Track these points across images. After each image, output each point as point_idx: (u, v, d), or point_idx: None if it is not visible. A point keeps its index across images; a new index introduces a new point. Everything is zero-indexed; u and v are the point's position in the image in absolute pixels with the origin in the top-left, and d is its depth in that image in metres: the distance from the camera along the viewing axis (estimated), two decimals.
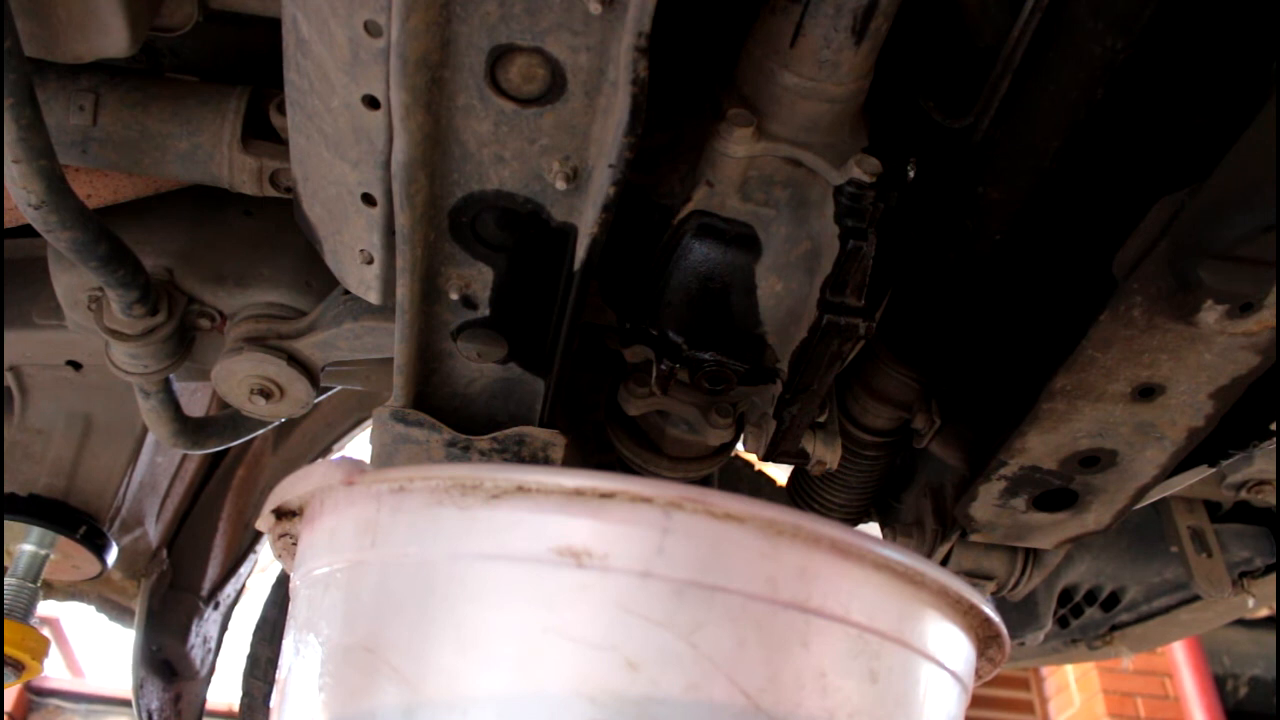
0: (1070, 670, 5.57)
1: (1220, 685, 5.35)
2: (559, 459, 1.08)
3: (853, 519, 1.50)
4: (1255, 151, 0.81)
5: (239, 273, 1.21)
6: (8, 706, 5.41)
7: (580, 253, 0.90)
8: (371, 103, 0.82)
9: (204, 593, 2.01)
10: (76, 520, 1.62)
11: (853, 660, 0.79)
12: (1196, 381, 0.98)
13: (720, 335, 1.02)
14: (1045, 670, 5.76)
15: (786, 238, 0.95)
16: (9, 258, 1.38)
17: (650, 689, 0.74)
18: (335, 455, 2.06)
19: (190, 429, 1.35)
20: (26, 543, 1.62)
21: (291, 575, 0.95)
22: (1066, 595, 1.94)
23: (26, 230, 1.07)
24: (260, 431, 1.45)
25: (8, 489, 1.58)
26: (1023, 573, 1.39)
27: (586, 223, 0.88)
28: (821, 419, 1.17)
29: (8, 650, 1.56)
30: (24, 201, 0.93)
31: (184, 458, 1.87)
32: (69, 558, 1.67)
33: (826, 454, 1.17)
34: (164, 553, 1.90)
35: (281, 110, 1.07)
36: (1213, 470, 1.20)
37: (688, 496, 0.76)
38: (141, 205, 1.21)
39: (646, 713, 0.73)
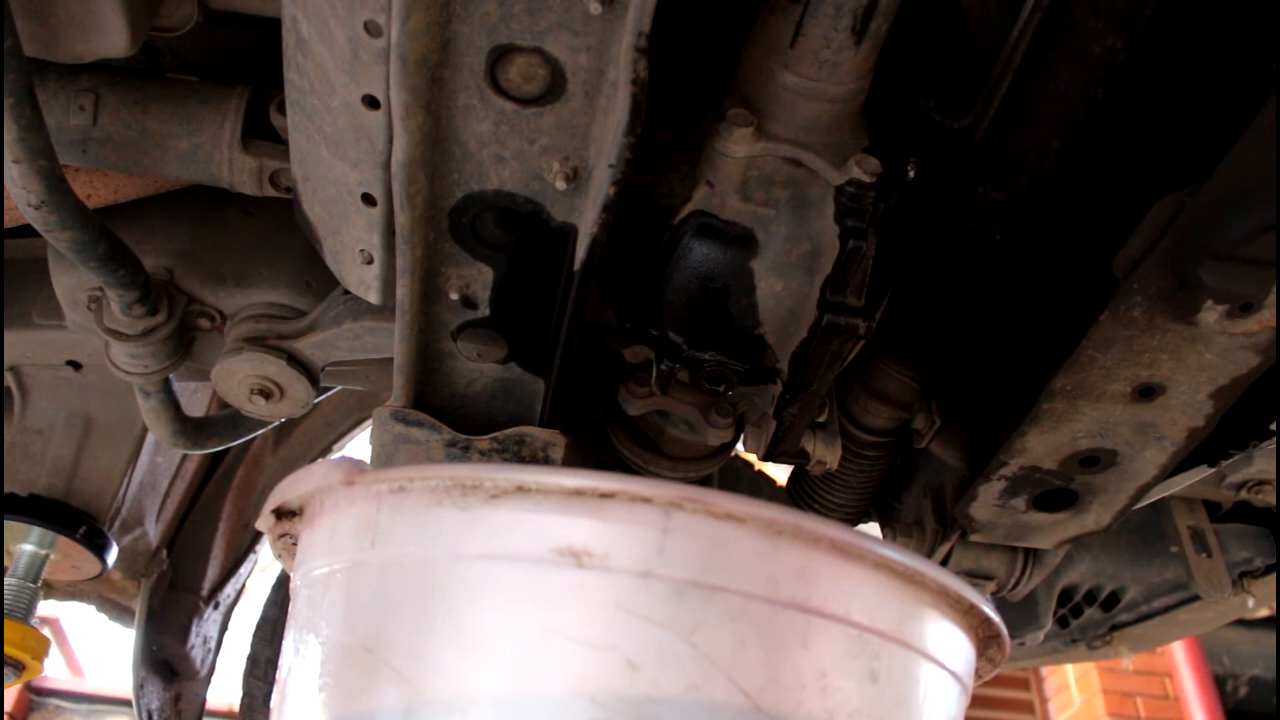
0: (1070, 670, 5.57)
1: (1220, 685, 5.35)
2: (559, 459, 1.08)
3: (853, 519, 1.50)
4: (1255, 151, 0.81)
5: (239, 273, 1.21)
6: (8, 706, 5.40)
7: (580, 253, 0.90)
8: (371, 103, 0.82)
9: (204, 593, 2.01)
10: (76, 520, 1.62)
11: (853, 660, 0.79)
12: (1196, 381, 0.98)
13: (720, 335, 1.02)
14: (1045, 670, 5.77)
15: (786, 238, 0.95)
16: (9, 258, 1.38)
17: (650, 689, 0.74)
18: (335, 455, 2.06)
19: (190, 429, 1.35)
20: (26, 543, 1.63)
21: (291, 575, 0.95)
22: (1066, 595, 1.93)
23: (26, 230, 1.07)
24: (260, 431, 1.45)
25: (8, 489, 1.58)
26: (1023, 573, 1.39)
27: (586, 223, 0.88)
28: (821, 419, 1.17)
29: (8, 650, 1.56)
30: (24, 201, 0.93)
31: (184, 458, 1.87)
32: (69, 558, 1.67)
33: (826, 454, 1.17)
34: (164, 553, 1.90)
35: (281, 110, 1.06)
36: (1213, 470, 1.20)
37: (688, 496, 0.76)
38: (141, 205, 1.21)
39: (646, 713, 0.73)
